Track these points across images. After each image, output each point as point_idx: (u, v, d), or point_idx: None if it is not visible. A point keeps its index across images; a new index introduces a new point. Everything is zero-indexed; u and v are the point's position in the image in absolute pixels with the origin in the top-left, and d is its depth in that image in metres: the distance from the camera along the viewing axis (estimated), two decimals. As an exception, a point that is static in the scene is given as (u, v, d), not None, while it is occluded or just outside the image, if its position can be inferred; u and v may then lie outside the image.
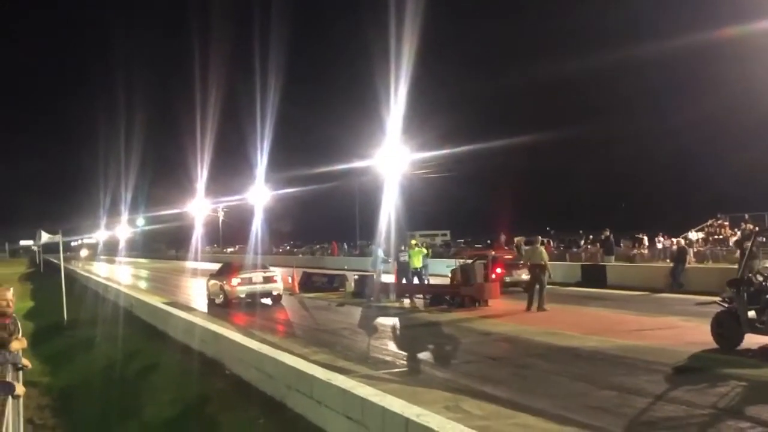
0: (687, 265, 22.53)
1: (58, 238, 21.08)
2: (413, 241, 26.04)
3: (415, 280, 23.49)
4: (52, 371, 12.88)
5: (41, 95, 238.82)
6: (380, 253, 24.99)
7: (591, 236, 42.51)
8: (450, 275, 23.27)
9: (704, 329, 11.48)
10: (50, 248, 32.61)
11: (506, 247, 27.48)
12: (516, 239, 29.20)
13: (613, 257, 27.79)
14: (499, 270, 21.30)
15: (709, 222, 37.97)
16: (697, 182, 63.35)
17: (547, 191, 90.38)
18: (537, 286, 17.58)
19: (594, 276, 24.75)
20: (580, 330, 13.78)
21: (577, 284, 24.58)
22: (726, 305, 11.18)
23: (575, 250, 39.93)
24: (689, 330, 13.08)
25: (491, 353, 12.02)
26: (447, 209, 75.37)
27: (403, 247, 24.42)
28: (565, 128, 69.93)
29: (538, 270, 17.82)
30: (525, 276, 19.65)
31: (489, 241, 43.37)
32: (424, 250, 25.21)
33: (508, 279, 21.70)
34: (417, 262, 23.50)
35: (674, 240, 33.35)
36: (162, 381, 10.96)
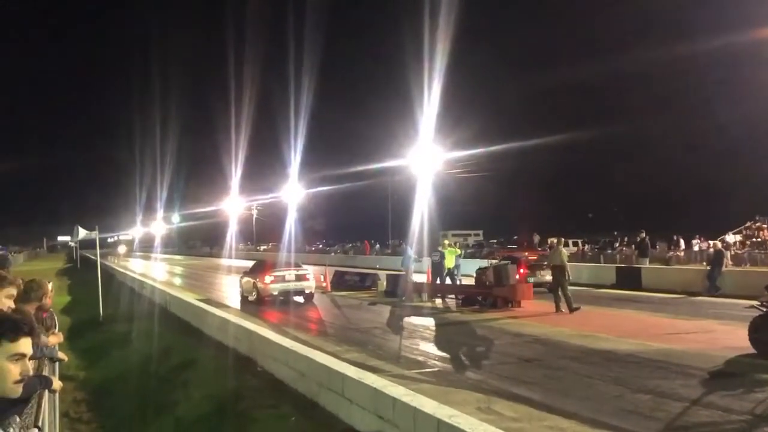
0: (724, 269, 22.15)
1: (95, 234, 21.32)
2: (446, 241, 26.04)
3: (448, 280, 23.49)
4: (88, 366, 13.08)
5: (79, 93, 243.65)
6: (411, 252, 24.96)
7: (626, 238, 42.06)
8: (475, 276, 23.21)
9: (741, 334, 11.32)
10: (87, 244, 33.11)
11: (539, 248, 27.29)
12: (550, 240, 29.04)
13: (647, 259, 27.50)
14: (522, 271, 21.10)
15: (748, 224, 37.37)
16: (736, 184, 62.08)
17: (584, 191, 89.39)
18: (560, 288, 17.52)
19: (629, 278, 24.49)
20: (614, 332, 13.67)
21: (612, 286, 24.36)
22: (764, 309, 11.00)
23: (610, 251, 39.56)
24: (725, 334, 12.91)
25: (524, 354, 11.95)
26: (480, 209, 74.98)
27: (440, 248, 24.37)
28: (601, 128, 69.20)
29: (557, 271, 17.73)
30: (549, 277, 19.49)
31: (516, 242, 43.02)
32: (458, 251, 25.21)
33: (531, 280, 21.41)
34: (450, 262, 23.50)
35: (711, 242, 32.84)
36: (196, 377, 11.06)
